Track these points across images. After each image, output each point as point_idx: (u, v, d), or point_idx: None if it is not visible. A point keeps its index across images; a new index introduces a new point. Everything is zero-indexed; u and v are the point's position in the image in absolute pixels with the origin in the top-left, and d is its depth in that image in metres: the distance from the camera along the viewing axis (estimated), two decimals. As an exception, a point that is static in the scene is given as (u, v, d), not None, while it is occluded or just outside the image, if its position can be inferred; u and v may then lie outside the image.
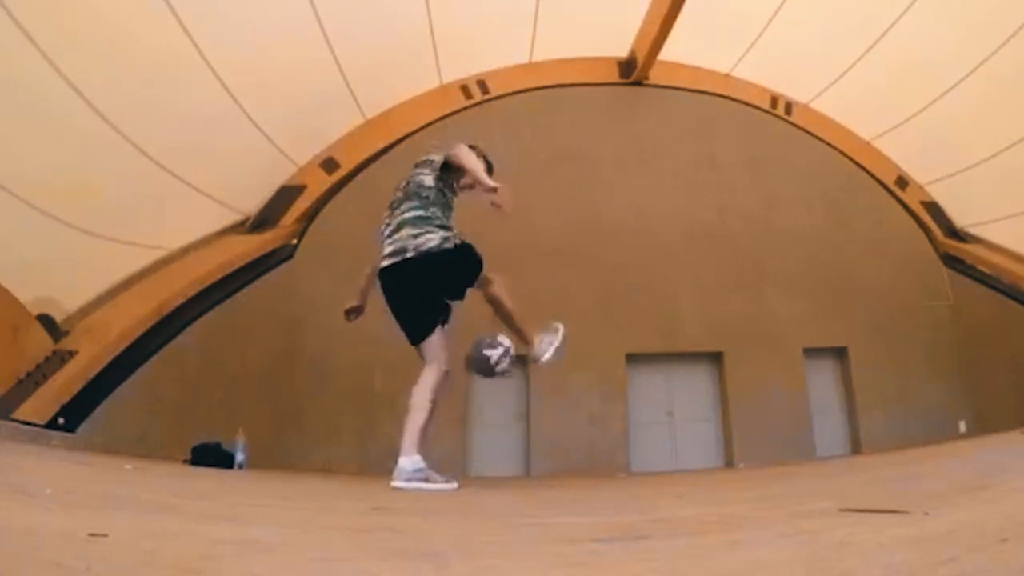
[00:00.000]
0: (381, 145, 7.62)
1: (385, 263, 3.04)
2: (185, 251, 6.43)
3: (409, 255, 2.98)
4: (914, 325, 7.98)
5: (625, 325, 7.58)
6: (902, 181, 8.66)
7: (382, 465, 6.16)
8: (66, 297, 5.51)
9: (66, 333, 5.44)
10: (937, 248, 8.50)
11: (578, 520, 1.54)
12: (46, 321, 5.29)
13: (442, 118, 7.70)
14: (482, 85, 7.98)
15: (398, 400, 7.39)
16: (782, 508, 1.52)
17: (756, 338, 7.75)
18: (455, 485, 2.79)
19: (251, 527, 1.26)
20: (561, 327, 3.35)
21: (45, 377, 5.11)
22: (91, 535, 0.84)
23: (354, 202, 7.37)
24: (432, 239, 3.00)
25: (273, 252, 7.06)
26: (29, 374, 5.08)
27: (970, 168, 7.86)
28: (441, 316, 3.11)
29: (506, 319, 3.22)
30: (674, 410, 7.74)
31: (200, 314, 6.36)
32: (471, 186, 3.20)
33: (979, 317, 7.99)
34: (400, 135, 7.66)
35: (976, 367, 7.83)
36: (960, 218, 8.59)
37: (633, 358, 7.60)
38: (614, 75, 8.39)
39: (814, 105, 8.62)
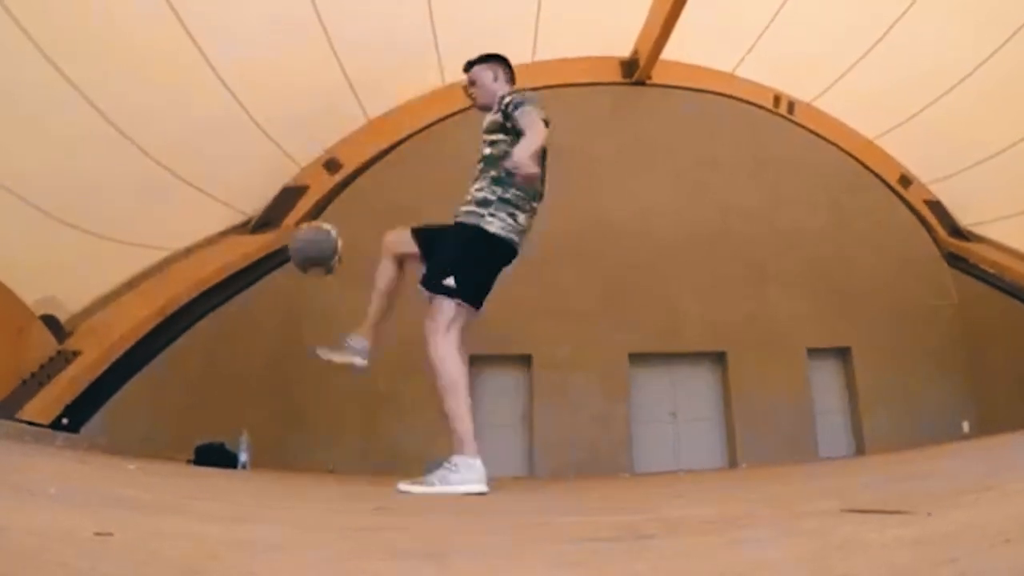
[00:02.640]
0: (384, 145, 7.63)
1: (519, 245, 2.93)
2: (188, 252, 6.44)
3: None
4: (918, 325, 7.95)
5: (628, 325, 7.58)
6: (905, 180, 8.63)
7: (384, 465, 6.20)
8: (70, 298, 5.53)
9: (70, 334, 5.46)
10: (941, 247, 8.47)
11: (581, 519, 1.54)
12: (50, 322, 5.31)
13: (445, 118, 7.70)
14: (484, 85, 7.97)
15: (400, 400, 7.41)
16: (785, 508, 1.52)
17: (759, 338, 7.74)
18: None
19: (254, 527, 1.26)
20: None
21: (49, 377, 5.12)
22: (96, 534, 0.84)
23: (357, 203, 7.38)
24: None
25: (276, 253, 7.06)
26: (33, 375, 5.10)
27: (974, 166, 7.83)
28: None
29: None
30: (677, 410, 7.73)
31: (203, 315, 6.37)
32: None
33: (983, 316, 7.96)
34: (403, 135, 7.67)
35: (980, 367, 7.81)
36: (964, 217, 8.56)
37: (636, 358, 7.60)
38: (616, 75, 8.38)
39: (817, 104, 8.60)
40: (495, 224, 2.82)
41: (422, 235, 3.01)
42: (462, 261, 2.82)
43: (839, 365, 8.05)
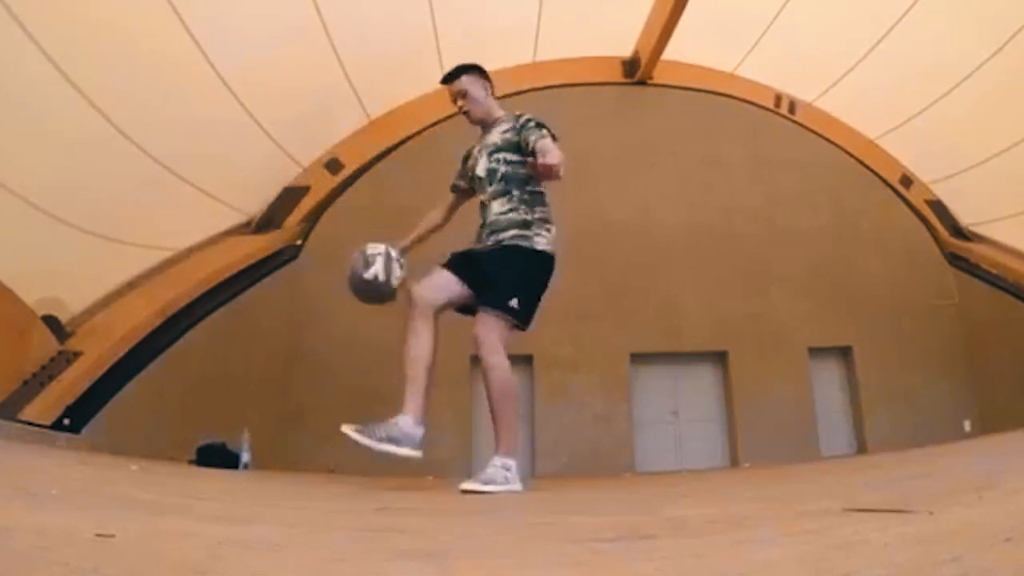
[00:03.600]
0: (385, 146, 7.63)
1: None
2: (190, 252, 6.44)
3: None
4: (919, 324, 7.96)
5: (629, 325, 7.58)
6: (907, 179, 8.63)
7: (386, 466, 6.20)
8: (71, 298, 5.53)
9: (71, 334, 5.46)
10: (942, 247, 8.47)
11: (583, 520, 1.54)
12: (51, 322, 5.31)
13: (446, 118, 7.69)
14: (485, 85, 7.98)
15: (401, 400, 7.35)
16: (787, 507, 1.52)
17: (761, 337, 7.74)
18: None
19: (256, 527, 1.27)
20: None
21: (51, 378, 5.13)
22: (98, 535, 0.84)
23: (358, 203, 7.39)
24: None
25: (278, 253, 7.07)
26: (35, 375, 5.10)
27: (975, 166, 7.83)
28: None
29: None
30: (679, 410, 7.73)
31: (205, 315, 6.37)
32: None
33: (984, 316, 7.96)
34: (404, 136, 7.67)
35: (981, 366, 7.81)
36: (965, 217, 8.56)
37: (637, 358, 7.59)
38: (618, 74, 8.38)
39: (818, 104, 8.59)
40: (541, 242, 2.93)
41: (463, 268, 2.95)
42: (524, 285, 2.89)
43: (840, 364, 8.05)
